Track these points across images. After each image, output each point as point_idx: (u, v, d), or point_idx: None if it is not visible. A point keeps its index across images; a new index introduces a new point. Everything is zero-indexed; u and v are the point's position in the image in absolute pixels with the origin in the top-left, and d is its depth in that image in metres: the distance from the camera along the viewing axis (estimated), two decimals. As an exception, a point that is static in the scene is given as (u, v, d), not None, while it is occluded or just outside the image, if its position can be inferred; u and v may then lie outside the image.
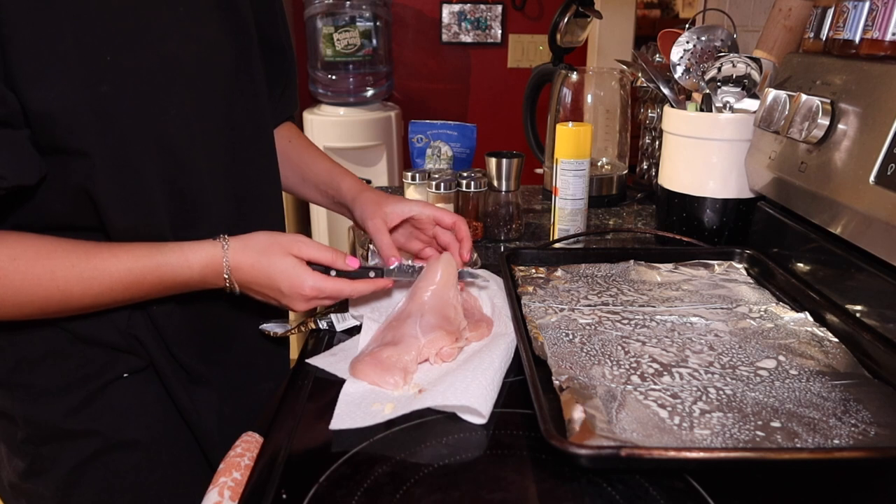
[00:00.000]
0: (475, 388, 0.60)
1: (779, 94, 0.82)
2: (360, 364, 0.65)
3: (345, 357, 0.69)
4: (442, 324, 0.67)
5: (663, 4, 3.74)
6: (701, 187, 0.96)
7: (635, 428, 0.53)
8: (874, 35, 0.71)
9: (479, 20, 2.52)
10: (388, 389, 0.62)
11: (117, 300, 0.64)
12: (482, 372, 0.62)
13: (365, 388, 0.63)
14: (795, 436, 0.52)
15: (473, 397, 0.59)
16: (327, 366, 0.67)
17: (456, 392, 0.59)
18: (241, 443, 0.62)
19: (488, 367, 0.63)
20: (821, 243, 0.77)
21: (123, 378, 0.71)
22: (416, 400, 0.60)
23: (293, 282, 0.65)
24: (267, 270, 0.65)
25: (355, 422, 0.57)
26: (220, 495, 0.55)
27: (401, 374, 0.63)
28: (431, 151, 1.26)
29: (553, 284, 0.83)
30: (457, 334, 0.68)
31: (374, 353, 0.65)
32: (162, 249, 0.63)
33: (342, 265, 0.69)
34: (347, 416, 0.58)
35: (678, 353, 0.66)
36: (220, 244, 0.65)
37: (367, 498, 0.49)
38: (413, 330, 0.67)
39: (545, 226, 1.16)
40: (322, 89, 2.27)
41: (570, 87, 1.30)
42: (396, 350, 0.65)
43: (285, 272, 0.65)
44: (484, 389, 0.60)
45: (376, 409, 0.59)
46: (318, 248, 0.67)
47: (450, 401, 0.58)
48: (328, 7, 2.18)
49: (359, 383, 0.64)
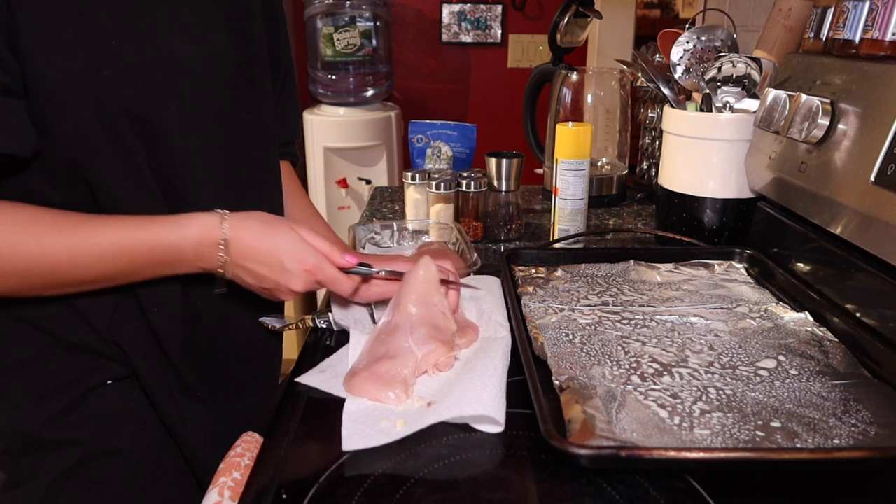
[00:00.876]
0: (487, 396, 0.58)
1: (779, 94, 0.82)
2: (358, 379, 0.62)
3: (335, 374, 0.66)
4: (434, 334, 0.66)
5: (663, 4, 3.74)
6: (701, 187, 0.96)
7: (635, 428, 0.53)
8: (874, 35, 0.71)
9: (479, 20, 2.52)
10: (390, 405, 0.60)
11: (107, 275, 0.62)
12: (489, 379, 0.61)
13: (367, 405, 0.60)
14: (795, 436, 0.52)
15: (488, 406, 0.57)
16: (319, 384, 0.65)
17: (470, 402, 0.57)
18: (241, 443, 0.62)
19: (493, 373, 0.62)
20: (821, 243, 0.77)
21: (106, 385, 0.69)
22: (428, 414, 0.58)
23: (298, 255, 0.63)
24: (270, 242, 0.63)
25: (369, 441, 0.55)
26: (220, 495, 0.55)
27: (402, 388, 0.61)
28: (431, 151, 1.26)
29: (553, 284, 0.83)
30: (450, 343, 0.67)
31: (370, 368, 0.63)
32: (156, 219, 0.62)
33: (339, 259, 0.66)
34: (358, 435, 0.56)
35: (678, 353, 0.66)
36: (218, 215, 0.63)
37: (367, 498, 0.49)
38: (406, 342, 0.65)
39: (545, 226, 1.16)
40: (322, 89, 2.27)
41: (570, 87, 1.30)
42: (394, 363, 0.63)
43: (290, 244, 0.63)
44: (495, 397, 0.58)
45: (386, 427, 0.57)
46: (315, 236, 0.66)
47: (465, 411, 0.56)
48: (328, 7, 2.18)
49: (359, 400, 0.61)
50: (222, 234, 0.62)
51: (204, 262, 0.64)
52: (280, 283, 0.65)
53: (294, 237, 0.64)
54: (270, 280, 0.65)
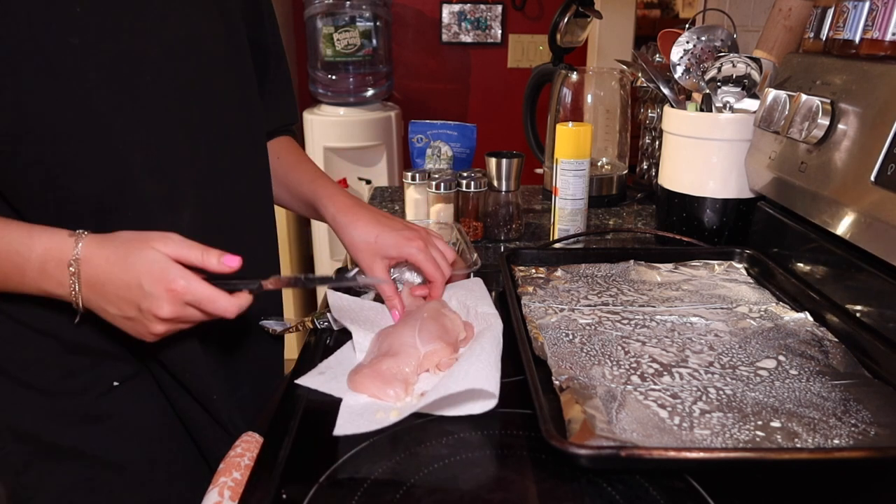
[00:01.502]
0: (475, 370, 0.58)
1: (779, 94, 0.82)
2: (359, 376, 0.62)
3: (334, 375, 0.65)
4: (441, 334, 0.66)
5: (663, 4, 3.74)
6: (701, 187, 0.96)
7: (635, 428, 0.53)
8: (874, 35, 0.71)
9: (479, 20, 2.52)
10: (388, 402, 0.60)
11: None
12: (477, 356, 0.61)
13: (366, 401, 0.61)
14: (795, 436, 0.52)
15: (478, 379, 0.57)
16: (319, 385, 0.64)
17: (456, 379, 0.57)
18: (241, 443, 0.62)
19: (480, 350, 0.62)
20: (821, 243, 0.77)
21: (114, 388, 0.68)
22: (420, 401, 0.59)
23: (158, 275, 0.54)
24: (124, 263, 0.54)
25: (359, 427, 0.56)
26: (220, 495, 0.55)
27: (402, 386, 0.61)
28: (431, 151, 1.26)
29: (553, 284, 0.83)
30: (455, 346, 0.67)
31: (372, 365, 0.63)
32: (9, 223, 0.56)
33: (216, 265, 0.56)
34: (350, 423, 0.57)
35: (678, 353, 0.66)
36: (75, 234, 0.56)
37: (367, 498, 0.49)
38: (411, 338, 0.65)
39: (545, 226, 1.16)
40: (322, 89, 2.27)
41: (570, 87, 1.30)
42: (396, 361, 0.63)
43: (148, 265, 0.54)
44: (484, 369, 0.58)
45: (381, 418, 0.58)
46: (188, 245, 0.56)
47: (452, 388, 0.56)
48: (328, 7, 2.18)
49: (359, 396, 0.61)
50: (73, 254, 0.55)
51: (49, 283, 0.56)
52: (143, 310, 0.55)
53: (154, 256, 0.55)
54: (131, 307, 0.56)
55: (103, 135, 0.59)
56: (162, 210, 0.64)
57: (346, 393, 0.62)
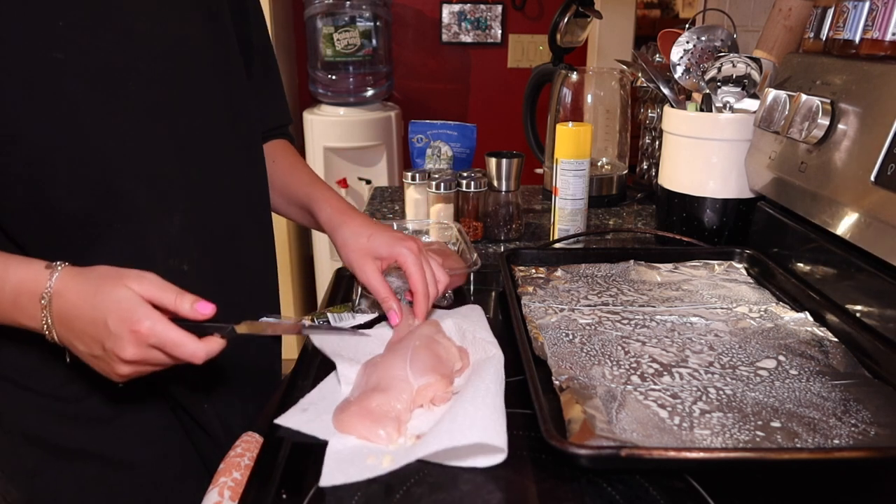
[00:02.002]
0: (481, 420, 0.52)
1: (779, 94, 0.82)
2: (346, 415, 0.56)
3: (318, 413, 0.59)
4: (436, 366, 0.60)
5: (663, 4, 3.74)
6: (701, 187, 0.96)
7: (635, 428, 0.53)
8: (874, 35, 0.71)
9: (479, 20, 2.52)
10: (380, 444, 0.54)
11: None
12: (481, 400, 0.55)
13: (354, 443, 0.54)
14: (795, 436, 0.52)
15: (484, 431, 0.51)
16: (301, 426, 0.57)
17: (462, 429, 0.52)
18: (241, 443, 0.62)
19: (485, 393, 0.56)
20: (821, 243, 0.77)
21: (116, 391, 0.67)
22: (417, 447, 0.52)
23: (124, 315, 0.51)
24: (93, 299, 0.52)
25: (349, 476, 0.50)
26: (220, 495, 0.55)
27: (394, 425, 0.55)
28: (431, 151, 1.26)
29: (553, 284, 0.83)
30: (451, 377, 0.61)
31: (360, 402, 0.57)
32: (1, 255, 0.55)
33: (188, 311, 0.53)
34: (339, 471, 0.51)
35: (678, 353, 0.66)
36: (51, 267, 0.55)
37: (367, 498, 0.49)
38: (402, 371, 0.59)
39: (545, 226, 1.16)
40: (322, 89, 2.27)
41: (570, 87, 1.30)
42: (386, 397, 0.56)
43: (116, 303, 0.52)
44: (490, 419, 0.53)
45: (372, 464, 0.52)
46: (163, 287, 0.54)
47: (457, 440, 0.50)
48: (328, 7, 2.18)
49: (346, 438, 0.55)
50: (46, 287, 0.53)
51: (22, 316, 0.55)
52: (107, 350, 0.53)
53: (124, 294, 0.52)
54: (97, 345, 0.54)
55: (89, 147, 0.59)
56: (151, 219, 0.64)
57: (332, 435, 0.56)
